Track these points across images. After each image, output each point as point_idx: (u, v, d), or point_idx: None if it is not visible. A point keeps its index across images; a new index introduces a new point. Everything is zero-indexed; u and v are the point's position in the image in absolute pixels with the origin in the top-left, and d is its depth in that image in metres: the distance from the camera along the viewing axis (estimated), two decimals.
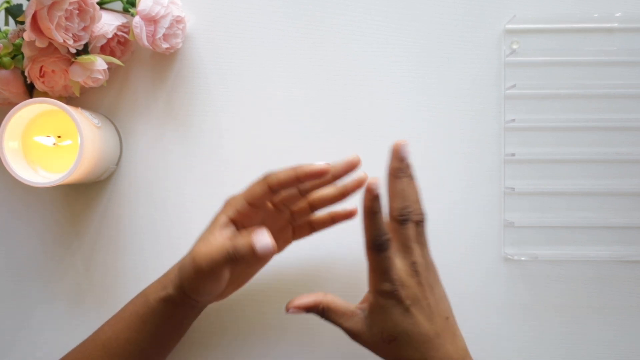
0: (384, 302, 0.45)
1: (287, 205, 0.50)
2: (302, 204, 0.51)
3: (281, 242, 0.52)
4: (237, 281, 0.50)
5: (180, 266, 0.47)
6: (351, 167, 0.47)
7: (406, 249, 0.46)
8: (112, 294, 0.56)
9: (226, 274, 0.45)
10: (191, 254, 0.45)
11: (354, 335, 0.47)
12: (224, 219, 0.46)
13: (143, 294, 0.49)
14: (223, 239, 0.44)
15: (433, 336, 0.45)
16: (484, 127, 0.55)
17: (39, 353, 0.56)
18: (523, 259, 0.55)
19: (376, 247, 0.44)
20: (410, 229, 0.46)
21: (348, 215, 0.52)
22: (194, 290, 0.46)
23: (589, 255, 0.55)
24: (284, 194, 0.48)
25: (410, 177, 0.46)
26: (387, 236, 0.45)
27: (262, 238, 0.42)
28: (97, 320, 0.55)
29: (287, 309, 0.47)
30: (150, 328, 0.48)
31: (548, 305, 0.55)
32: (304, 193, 0.48)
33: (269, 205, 0.49)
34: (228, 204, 0.47)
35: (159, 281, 0.48)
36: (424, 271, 0.46)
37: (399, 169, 0.46)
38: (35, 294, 0.56)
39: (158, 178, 0.56)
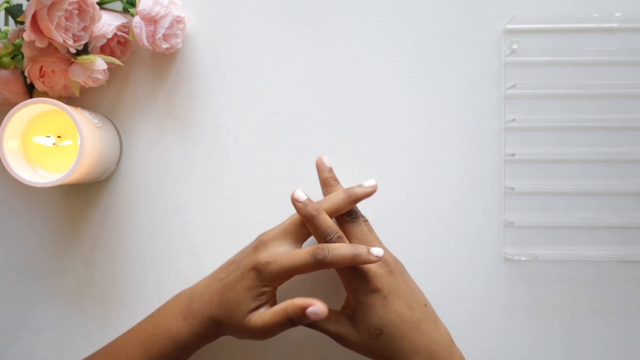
0: (363, 298, 0.46)
1: None
2: None
3: None
4: None
5: (222, 325, 0.46)
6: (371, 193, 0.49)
7: (366, 243, 0.47)
8: (112, 294, 0.56)
9: None
10: (243, 325, 0.45)
11: (341, 338, 0.47)
12: (263, 291, 0.46)
13: (174, 340, 0.46)
14: (274, 313, 0.45)
15: (416, 322, 0.46)
16: (484, 127, 0.55)
17: (39, 353, 0.56)
18: (523, 259, 0.55)
19: None
20: (363, 226, 0.48)
21: None
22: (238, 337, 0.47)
23: (589, 255, 0.55)
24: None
25: (340, 183, 0.50)
26: (338, 232, 0.46)
27: (315, 308, 0.44)
28: (97, 319, 0.56)
29: None
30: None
31: (548, 305, 0.55)
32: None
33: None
34: (265, 275, 0.45)
35: (187, 325, 0.47)
36: (392, 261, 0.48)
37: (331, 177, 0.50)
38: (35, 293, 0.56)
39: (158, 178, 0.56)
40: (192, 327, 0.46)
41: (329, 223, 0.46)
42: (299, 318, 0.44)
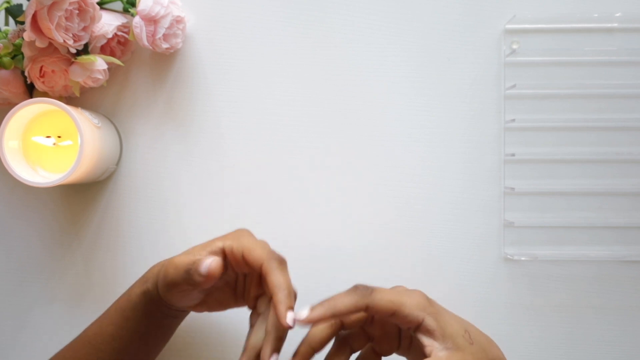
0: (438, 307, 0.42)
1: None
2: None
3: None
4: (208, 305, 0.48)
5: (159, 268, 0.47)
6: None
7: None
8: (112, 294, 0.55)
9: (193, 292, 0.45)
10: (170, 259, 0.45)
11: None
12: (219, 245, 0.44)
13: (127, 291, 0.49)
14: (194, 257, 0.44)
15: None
16: (484, 127, 0.55)
17: (39, 353, 0.56)
18: (523, 259, 0.55)
19: None
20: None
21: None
22: (165, 295, 0.45)
23: (589, 255, 0.55)
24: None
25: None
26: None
27: (207, 262, 0.42)
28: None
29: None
30: (132, 324, 0.47)
31: (548, 305, 0.55)
32: None
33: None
34: (235, 236, 0.45)
35: (142, 276, 0.48)
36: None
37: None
38: (35, 294, 0.56)
39: (158, 178, 0.56)
40: (143, 277, 0.47)
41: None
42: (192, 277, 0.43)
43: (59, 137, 0.51)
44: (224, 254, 0.44)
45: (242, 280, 0.47)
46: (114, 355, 0.47)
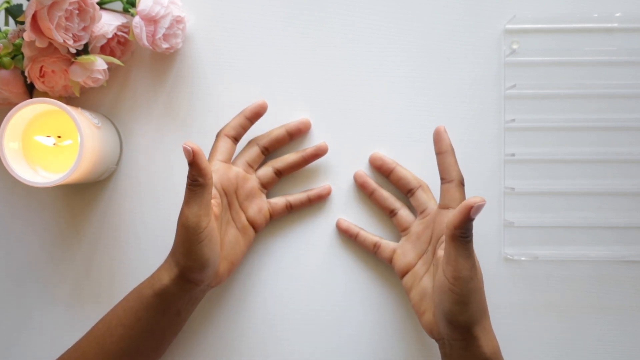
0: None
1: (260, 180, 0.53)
2: (268, 172, 0.53)
3: (261, 221, 0.53)
4: (230, 256, 0.51)
5: (172, 248, 0.48)
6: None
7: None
8: (112, 295, 0.55)
9: (213, 231, 0.46)
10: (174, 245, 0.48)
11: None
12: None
13: (136, 289, 0.49)
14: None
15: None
16: (484, 127, 0.55)
17: (39, 353, 0.56)
18: (523, 259, 0.55)
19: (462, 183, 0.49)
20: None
21: (322, 193, 0.54)
22: (191, 262, 0.46)
23: (589, 255, 0.55)
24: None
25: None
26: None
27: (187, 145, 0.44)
28: (97, 320, 0.55)
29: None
30: (144, 324, 0.48)
31: (548, 305, 0.55)
32: (264, 151, 0.54)
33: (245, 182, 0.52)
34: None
35: (151, 276, 0.49)
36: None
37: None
38: (35, 294, 0.56)
39: (158, 178, 0.56)
40: (154, 276, 0.48)
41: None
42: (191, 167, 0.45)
43: (59, 137, 0.51)
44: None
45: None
46: (123, 355, 0.48)
